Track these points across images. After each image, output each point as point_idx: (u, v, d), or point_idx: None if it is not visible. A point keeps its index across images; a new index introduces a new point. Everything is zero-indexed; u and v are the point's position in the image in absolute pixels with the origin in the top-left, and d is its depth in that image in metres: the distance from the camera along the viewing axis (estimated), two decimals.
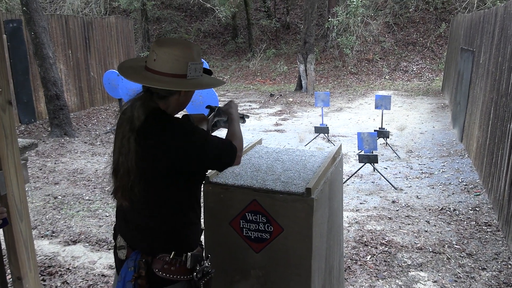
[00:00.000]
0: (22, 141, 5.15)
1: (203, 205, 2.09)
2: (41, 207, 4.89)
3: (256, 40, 18.98)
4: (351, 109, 10.77)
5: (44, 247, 3.95)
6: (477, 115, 6.08)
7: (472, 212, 4.56)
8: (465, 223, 4.32)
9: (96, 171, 6.19)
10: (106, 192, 5.32)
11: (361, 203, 4.93)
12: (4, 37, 8.57)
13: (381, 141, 7.38)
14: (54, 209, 4.82)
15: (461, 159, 6.36)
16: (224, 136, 1.83)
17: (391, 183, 5.43)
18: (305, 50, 13.44)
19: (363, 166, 5.78)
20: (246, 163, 2.42)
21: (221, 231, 2.12)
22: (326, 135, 7.77)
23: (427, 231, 4.15)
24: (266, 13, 20.04)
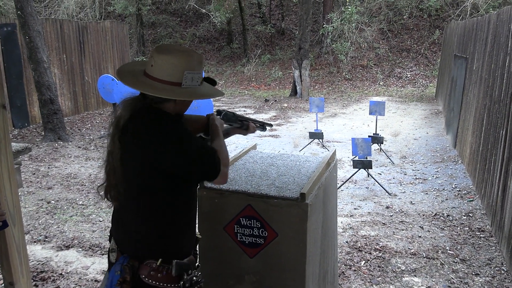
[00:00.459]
0: (15, 145, 5.12)
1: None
2: (34, 211, 4.85)
3: (251, 45, 19.04)
4: (346, 115, 10.81)
5: (36, 252, 3.91)
6: (470, 121, 6.12)
7: (465, 217, 4.58)
8: (459, 228, 4.33)
9: (89, 175, 6.17)
10: (100, 195, 5.29)
11: (355, 209, 4.94)
12: None
13: (375, 146, 7.41)
14: (47, 214, 4.79)
15: (454, 165, 6.40)
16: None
17: (385, 189, 5.45)
18: (300, 56, 13.49)
19: (357, 171, 5.80)
20: (240, 168, 2.42)
21: (216, 236, 2.12)
22: (320, 140, 7.79)
23: (420, 237, 4.16)
24: (261, 19, 20.12)
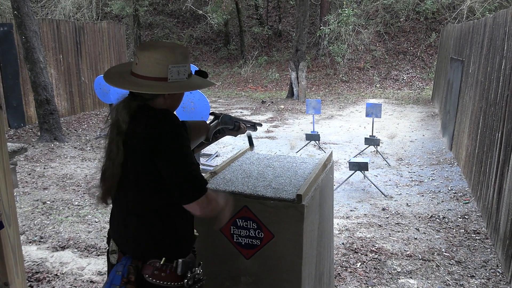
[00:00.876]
0: (11, 145, 5.09)
1: None
2: (29, 212, 4.83)
3: (248, 47, 19.05)
4: (342, 117, 10.83)
5: (32, 252, 3.90)
6: (466, 124, 6.15)
7: (461, 220, 4.60)
8: (454, 230, 4.35)
9: (85, 176, 6.15)
10: (95, 197, 5.27)
11: (351, 210, 4.94)
12: None
13: (371, 148, 7.42)
14: (42, 215, 4.77)
15: (450, 167, 6.42)
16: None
17: (381, 191, 5.46)
18: (296, 57, 13.51)
19: (353, 173, 5.81)
20: (237, 169, 2.42)
21: (212, 237, 2.11)
22: (317, 142, 7.80)
23: (416, 239, 4.17)
24: (258, 20, 20.14)
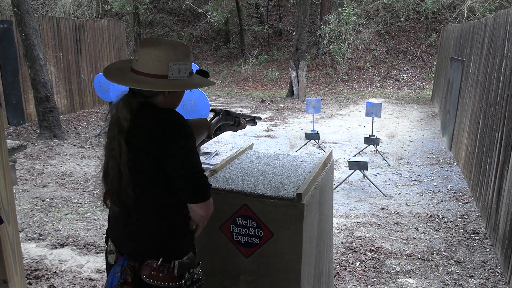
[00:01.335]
0: (10, 143, 5.08)
1: None
2: (28, 209, 4.83)
3: (248, 46, 19.03)
4: (342, 116, 10.83)
5: (31, 250, 3.89)
6: (466, 124, 6.15)
7: (460, 219, 4.60)
8: (454, 230, 4.35)
9: (85, 174, 6.14)
10: (95, 196, 5.28)
11: (350, 210, 4.94)
12: None
13: (371, 148, 7.42)
14: (41, 212, 4.76)
15: (450, 167, 6.42)
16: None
17: (380, 190, 5.46)
18: (297, 56, 13.51)
19: (353, 173, 5.81)
20: (237, 168, 2.41)
21: (211, 235, 2.11)
22: (316, 141, 7.80)
23: (415, 238, 4.17)
24: (258, 19, 20.12)
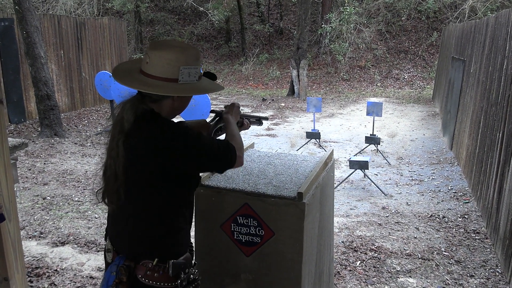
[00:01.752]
0: (12, 141, 5.08)
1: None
2: (29, 207, 4.83)
3: (249, 44, 19.02)
4: (343, 115, 10.82)
5: (32, 248, 3.90)
6: (467, 123, 6.14)
7: (461, 219, 4.60)
8: (454, 230, 4.35)
9: (86, 172, 6.15)
10: (95, 194, 5.28)
11: (351, 209, 4.94)
12: None
13: (372, 147, 7.42)
14: (42, 210, 4.77)
15: (450, 166, 6.41)
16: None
17: (381, 190, 5.46)
18: (298, 55, 13.50)
19: (353, 172, 5.81)
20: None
21: (212, 234, 2.11)
22: (317, 140, 7.80)
23: (416, 238, 4.18)
24: (259, 18, 20.10)
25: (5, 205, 2.03)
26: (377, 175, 6.17)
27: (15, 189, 5.15)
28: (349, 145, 7.96)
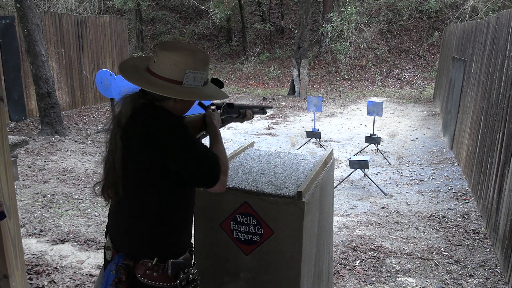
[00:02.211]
0: (12, 138, 5.08)
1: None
2: (29, 205, 4.84)
3: (250, 43, 19.02)
4: (343, 115, 10.82)
5: (31, 245, 3.91)
6: (467, 123, 6.14)
7: (460, 219, 4.60)
8: (454, 230, 4.35)
9: (86, 170, 6.15)
10: (95, 192, 5.28)
11: (351, 208, 4.95)
12: None
13: (372, 147, 7.42)
14: (42, 208, 4.78)
15: (451, 166, 6.41)
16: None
17: (381, 189, 5.46)
18: (298, 55, 13.49)
19: (353, 171, 5.81)
20: (238, 165, 2.42)
21: (212, 232, 2.11)
22: (317, 140, 7.80)
23: (416, 237, 4.18)
24: (260, 17, 20.09)
25: (5, 202, 2.03)
26: (377, 174, 6.17)
27: (15, 186, 5.16)
28: (349, 144, 7.96)
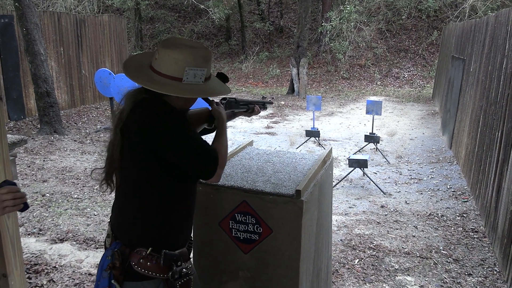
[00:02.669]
0: (11, 137, 5.08)
1: None
2: (28, 204, 4.83)
3: (249, 42, 19.01)
4: (343, 114, 10.82)
5: (30, 244, 3.91)
6: (466, 122, 6.15)
7: (459, 218, 4.61)
8: (453, 229, 4.35)
9: (85, 169, 6.15)
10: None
11: (350, 207, 4.95)
12: None
13: (371, 146, 7.42)
14: (41, 207, 4.77)
15: (450, 165, 6.42)
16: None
17: (380, 188, 5.46)
18: (298, 54, 13.49)
19: (352, 170, 5.81)
20: (236, 164, 2.42)
21: (210, 231, 2.12)
22: (317, 139, 7.80)
23: (414, 236, 4.18)
24: (260, 16, 20.08)
25: None
26: (376, 173, 6.17)
27: None
28: (348, 143, 7.97)
